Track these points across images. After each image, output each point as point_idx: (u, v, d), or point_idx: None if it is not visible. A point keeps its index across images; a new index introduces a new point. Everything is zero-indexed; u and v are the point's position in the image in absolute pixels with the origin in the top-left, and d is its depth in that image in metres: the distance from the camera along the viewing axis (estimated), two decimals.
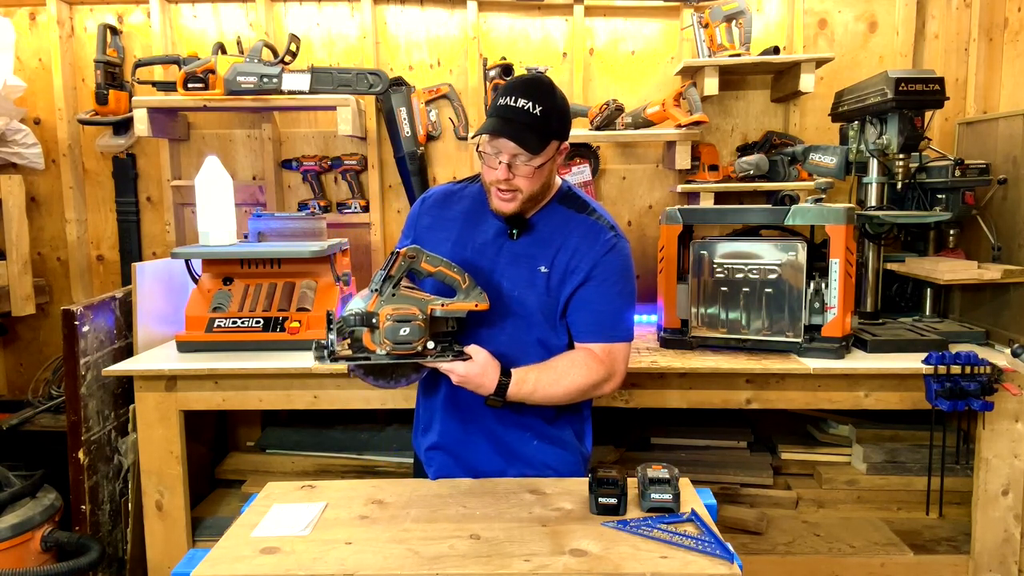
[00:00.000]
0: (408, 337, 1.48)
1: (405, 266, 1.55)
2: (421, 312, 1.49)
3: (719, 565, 1.25)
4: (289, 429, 2.96)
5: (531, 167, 1.55)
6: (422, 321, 1.49)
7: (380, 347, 1.49)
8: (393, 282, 1.54)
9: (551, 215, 1.67)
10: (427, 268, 1.56)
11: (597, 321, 1.64)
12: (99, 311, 2.42)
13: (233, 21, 3.05)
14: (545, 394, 1.59)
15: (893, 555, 2.43)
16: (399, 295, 1.52)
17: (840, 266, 2.23)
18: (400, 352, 1.49)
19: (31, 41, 3.05)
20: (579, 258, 1.62)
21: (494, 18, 3.05)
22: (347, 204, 3.06)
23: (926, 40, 3.01)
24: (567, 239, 1.64)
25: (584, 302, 1.63)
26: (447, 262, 1.57)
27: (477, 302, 1.55)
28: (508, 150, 1.54)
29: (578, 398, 1.65)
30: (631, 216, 3.13)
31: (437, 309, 1.53)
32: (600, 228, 1.65)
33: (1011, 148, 2.49)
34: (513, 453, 1.69)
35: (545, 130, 1.54)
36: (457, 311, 1.54)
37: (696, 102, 2.71)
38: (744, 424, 2.94)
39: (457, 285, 1.56)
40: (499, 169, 1.55)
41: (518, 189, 1.58)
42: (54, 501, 2.43)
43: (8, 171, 2.94)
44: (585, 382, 1.61)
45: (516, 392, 1.56)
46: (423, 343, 1.49)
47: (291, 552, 1.31)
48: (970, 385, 2.15)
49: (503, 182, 1.56)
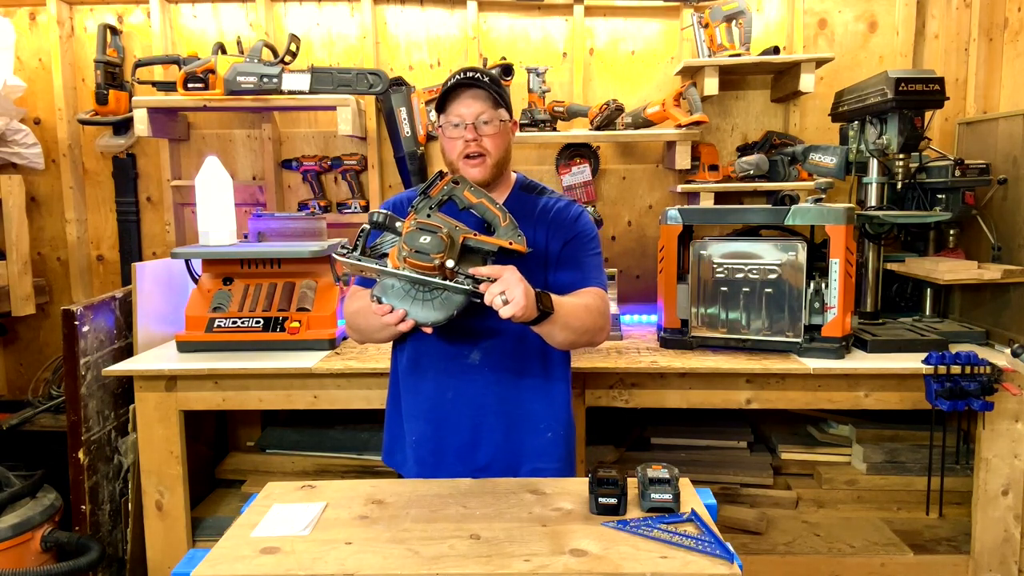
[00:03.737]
0: (427, 247, 1.37)
1: (447, 190, 1.50)
2: (448, 232, 1.41)
3: (719, 565, 1.25)
4: (289, 429, 2.96)
5: (495, 126, 1.64)
6: (446, 236, 1.40)
7: (401, 263, 1.39)
8: (431, 203, 1.48)
9: (517, 202, 1.73)
10: (469, 198, 1.52)
11: (583, 272, 1.70)
12: (99, 311, 2.43)
13: (233, 21, 3.05)
14: (572, 311, 1.57)
15: (893, 555, 2.43)
16: (434, 216, 1.46)
17: (840, 266, 2.23)
18: (417, 264, 1.37)
19: (31, 41, 3.05)
20: (554, 230, 1.70)
21: (494, 18, 3.05)
22: (347, 204, 3.06)
23: (926, 40, 3.01)
24: (539, 220, 1.71)
25: (568, 259, 1.70)
26: (490, 196, 1.54)
27: (512, 240, 1.48)
28: (472, 112, 1.62)
29: (594, 325, 1.63)
30: (631, 216, 3.13)
31: (469, 238, 1.45)
32: (565, 202, 1.76)
33: (1011, 148, 2.49)
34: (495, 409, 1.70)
35: (499, 92, 1.65)
36: (490, 244, 1.47)
37: (696, 102, 2.71)
38: (744, 424, 2.94)
39: (497, 222, 1.52)
40: (466, 131, 1.62)
41: (486, 152, 1.64)
42: (54, 501, 2.43)
43: (8, 171, 2.94)
44: (596, 308, 1.64)
45: (554, 300, 1.52)
46: (443, 259, 1.38)
47: (291, 552, 1.31)
48: (970, 385, 2.14)
49: (472, 143, 1.62)
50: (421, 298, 1.45)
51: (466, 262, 1.45)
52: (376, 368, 2.25)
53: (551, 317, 1.50)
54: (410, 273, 1.40)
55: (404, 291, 1.46)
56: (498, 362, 1.68)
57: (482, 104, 1.64)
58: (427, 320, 1.45)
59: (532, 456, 1.71)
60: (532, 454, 1.71)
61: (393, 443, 1.83)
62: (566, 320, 1.55)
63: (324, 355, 2.36)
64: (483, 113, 1.63)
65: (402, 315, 1.45)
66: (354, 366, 2.26)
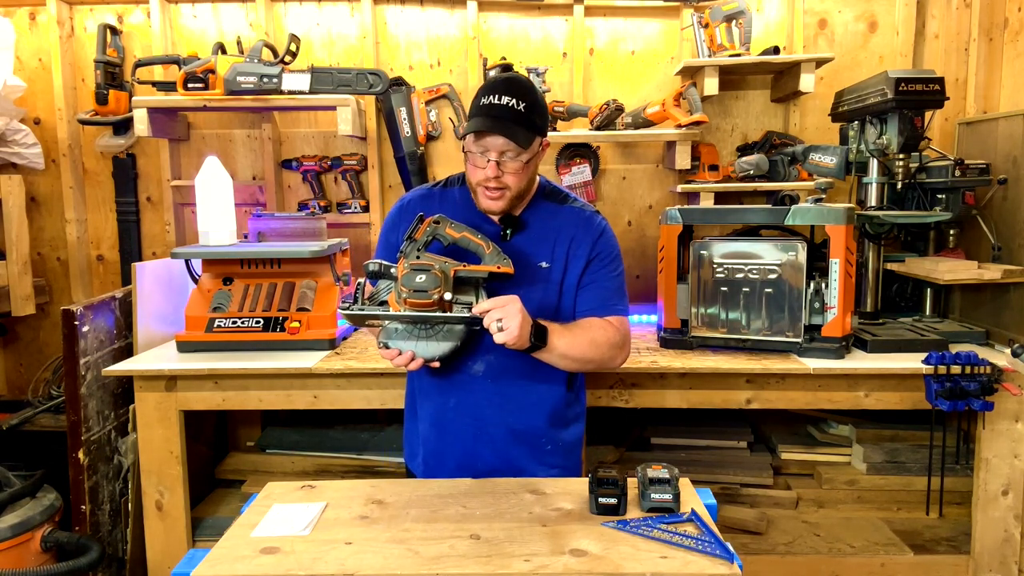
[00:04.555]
0: (424, 285, 1.47)
1: (430, 231, 1.56)
2: (440, 268, 1.50)
3: (719, 565, 1.25)
4: (289, 429, 2.96)
5: (520, 163, 1.58)
6: (439, 272, 1.49)
7: (402, 305, 1.48)
8: (417, 245, 1.55)
9: (539, 211, 1.71)
10: (451, 234, 1.57)
11: (603, 297, 1.69)
12: (99, 311, 2.42)
13: (233, 21, 3.05)
14: (572, 344, 1.60)
15: (893, 555, 2.43)
16: (423, 257, 1.54)
17: (840, 266, 2.23)
18: (417, 302, 1.46)
19: (31, 41, 3.05)
20: (576, 245, 1.68)
21: (494, 18, 3.05)
22: (347, 204, 3.06)
23: (926, 40, 3.01)
24: (561, 230, 1.69)
25: (589, 282, 1.69)
26: (471, 228, 1.59)
27: (500, 264, 1.55)
28: (496, 147, 1.57)
29: (600, 357, 1.66)
30: (631, 216, 3.13)
31: (460, 270, 1.53)
32: (589, 214, 1.73)
33: (1011, 148, 2.49)
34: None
35: (530, 125, 1.58)
36: (479, 272, 1.55)
37: (696, 102, 2.71)
38: (744, 424, 2.94)
39: (481, 251, 1.57)
40: (488, 167, 1.57)
41: (507, 187, 1.60)
42: (54, 501, 2.43)
43: (8, 171, 2.94)
44: (606, 341, 1.65)
45: (552, 334, 1.56)
46: (440, 293, 1.47)
47: (291, 552, 1.31)
48: (970, 385, 2.14)
49: (492, 180, 1.58)
50: (425, 335, 1.56)
51: (459, 292, 1.54)
52: (376, 368, 2.25)
53: (546, 348, 1.56)
54: (412, 313, 1.49)
55: (408, 332, 1.56)
56: (500, 374, 1.67)
57: (510, 140, 1.56)
58: (435, 354, 1.56)
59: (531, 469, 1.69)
60: (531, 466, 1.69)
61: (409, 445, 1.85)
62: (564, 352, 1.59)
63: (324, 355, 2.36)
64: (510, 150, 1.57)
65: (411, 356, 1.55)
66: (354, 366, 2.26)
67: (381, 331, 1.58)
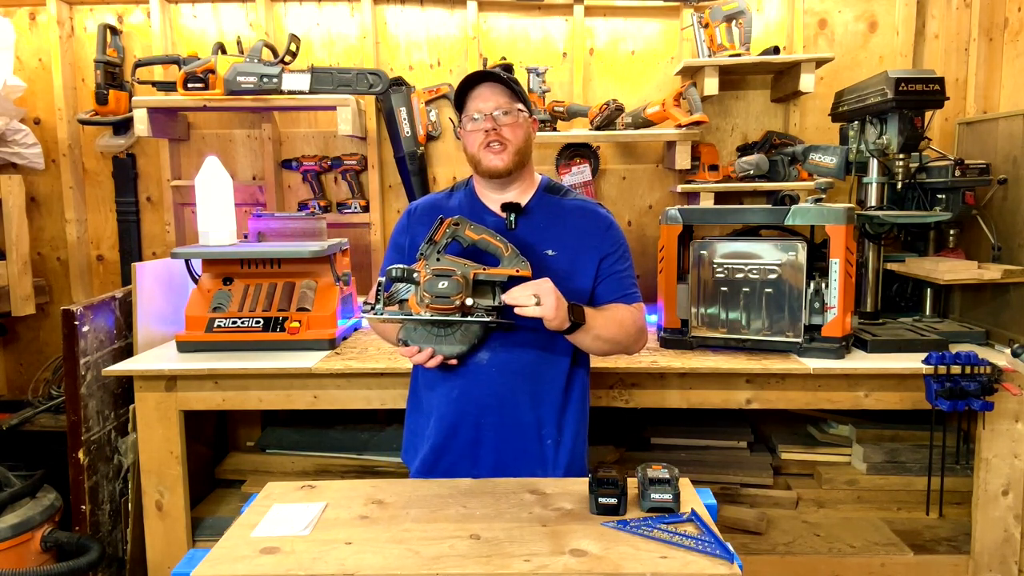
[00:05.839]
0: (446, 291, 1.51)
1: (450, 233, 1.61)
2: (462, 273, 1.54)
3: (719, 565, 1.25)
4: (289, 429, 2.96)
5: (512, 118, 1.66)
6: (460, 277, 1.52)
7: (423, 309, 1.52)
8: (437, 248, 1.60)
9: (543, 202, 1.76)
10: (471, 236, 1.62)
11: (623, 285, 1.75)
12: (99, 311, 2.42)
13: (233, 21, 3.05)
14: (605, 325, 1.66)
15: (893, 555, 2.43)
16: (443, 260, 1.58)
17: (840, 266, 2.23)
18: (439, 307, 1.51)
19: (31, 41, 3.05)
20: (586, 237, 1.73)
21: (494, 18, 3.05)
22: (347, 204, 3.06)
23: (926, 40, 3.01)
24: (567, 220, 1.74)
25: (607, 275, 1.74)
26: (490, 231, 1.63)
27: (518, 268, 1.59)
28: (487, 105, 1.66)
29: (627, 340, 1.72)
30: (631, 216, 3.14)
31: (480, 273, 1.57)
32: (593, 207, 1.79)
33: (1011, 148, 2.49)
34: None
35: (517, 88, 1.68)
36: (499, 275, 1.59)
37: (696, 102, 2.71)
38: (744, 424, 2.94)
39: (500, 253, 1.61)
40: (484, 121, 1.65)
41: (506, 141, 1.66)
42: (54, 501, 2.43)
43: (8, 171, 2.94)
44: (632, 323, 1.71)
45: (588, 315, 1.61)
46: (462, 299, 1.51)
47: (291, 552, 1.31)
48: (970, 385, 2.14)
49: (492, 132, 1.65)
50: (444, 335, 1.62)
51: (478, 294, 1.58)
52: (376, 368, 2.25)
53: (583, 327, 1.60)
54: (434, 317, 1.54)
55: (427, 332, 1.62)
56: (505, 365, 1.67)
57: (500, 97, 1.66)
58: (452, 353, 1.62)
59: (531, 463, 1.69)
60: (531, 461, 1.70)
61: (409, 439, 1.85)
62: (599, 332, 1.64)
63: (324, 355, 2.35)
64: (501, 106, 1.65)
65: (430, 353, 1.60)
66: (354, 366, 2.26)
67: (401, 329, 1.64)
